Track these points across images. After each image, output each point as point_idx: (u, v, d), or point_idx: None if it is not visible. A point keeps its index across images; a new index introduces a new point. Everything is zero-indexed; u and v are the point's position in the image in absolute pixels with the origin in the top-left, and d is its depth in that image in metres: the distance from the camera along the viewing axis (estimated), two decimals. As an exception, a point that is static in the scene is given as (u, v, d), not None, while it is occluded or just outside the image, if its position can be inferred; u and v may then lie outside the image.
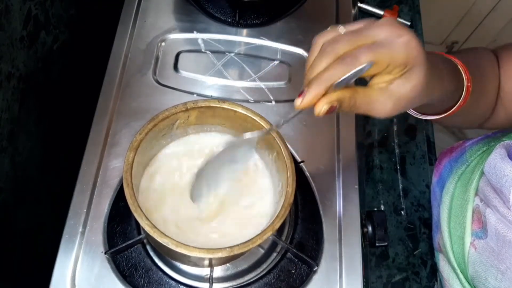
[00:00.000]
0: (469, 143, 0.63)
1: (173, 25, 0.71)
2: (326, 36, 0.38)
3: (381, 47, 0.36)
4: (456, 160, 0.62)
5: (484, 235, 0.51)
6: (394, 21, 0.38)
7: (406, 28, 0.37)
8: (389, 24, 0.37)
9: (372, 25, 0.38)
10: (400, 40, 0.37)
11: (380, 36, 0.37)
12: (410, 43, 0.37)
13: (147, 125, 0.48)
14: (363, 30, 0.38)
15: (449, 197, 0.58)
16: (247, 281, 0.55)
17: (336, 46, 0.37)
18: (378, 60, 0.36)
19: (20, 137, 0.60)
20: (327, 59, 0.37)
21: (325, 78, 0.37)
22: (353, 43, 0.37)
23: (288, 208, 0.45)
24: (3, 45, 0.53)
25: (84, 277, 0.53)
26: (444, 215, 0.58)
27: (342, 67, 0.36)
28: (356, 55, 0.36)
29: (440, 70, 0.43)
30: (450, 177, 0.60)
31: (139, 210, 0.43)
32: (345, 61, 0.36)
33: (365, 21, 0.39)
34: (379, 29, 0.37)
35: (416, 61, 0.38)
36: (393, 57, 0.37)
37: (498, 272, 0.50)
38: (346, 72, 0.36)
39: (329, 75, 0.36)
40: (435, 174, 0.66)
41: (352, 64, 0.36)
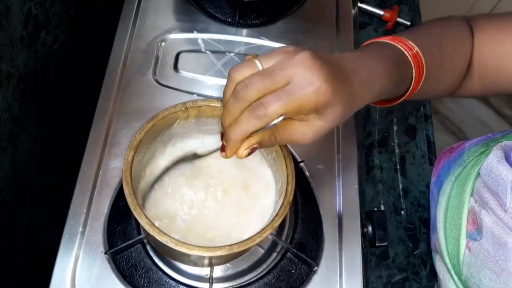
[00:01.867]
0: (468, 144, 0.63)
1: (173, 25, 0.71)
2: (242, 71, 0.39)
3: (291, 96, 0.37)
4: (454, 161, 0.62)
5: (478, 237, 0.51)
6: (307, 58, 0.37)
7: (319, 68, 0.37)
8: (302, 65, 0.37)
9: (286, 64, 0.37)
10: (309, 89, 0.36)
11: (292, 79, 0.37)
12: (319, 89, 0.37)
13: (147, 125, 0.48)
14: (276, 71, 0.37)
15: (446, 198, 0.58)
16: (247, 281, 0.55)
17: (248, 93, 0.37)
18: (288, 112, 0.37)
19: (20, 137, 0.60)
20: (240, 105, 0.38)
21: (239, 132, 0.38)
22: (264, 89, 0.37)
23: (287, 206, 0.45)
24: (3, 45, 0.53)
25: (84, 277, 0.53)
26: (440, 216, 0.58)
27: (254, 121, 0.38)
28: (267, 109, 0.37)
29: (372, 72, 0.42)
30: (447, 177, 0.60)
31: (138, 209, 0.43)
32: (256, 115, 0.37)
33: (282, 53, 0.39)
34: (292, 70, 0.37)
35: (327, 104, 0.38)
36: (302, 106, 0.37)
37: (493, 274, 0.50)
38: (258, 126, 0.38)
39: (242, 129, 0.38)
40: (433, 175, 0.66)
41: (263, 119, 0.37)
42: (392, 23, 0.86)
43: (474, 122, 1.64)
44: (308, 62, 0.37)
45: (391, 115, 0.79)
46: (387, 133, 0.78)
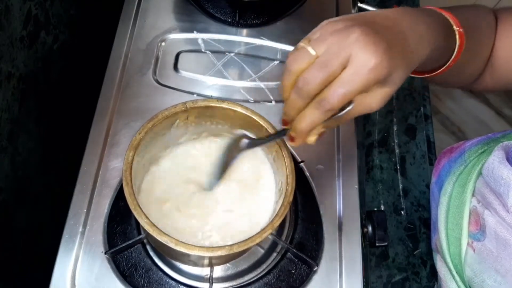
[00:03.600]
0: (468, 143, 0.63)
1: (173, 25, 0.71)
2: (298, 63, 0.39)
3: (352, 83, 0.37)
4: (454, 161, 0.62)
5: (482, 237, 0.51)
6: (360, 37, 0.37)
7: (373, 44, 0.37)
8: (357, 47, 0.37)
9: (340, 48, 0.37)
10: (369, 69, 0.36)
11: (349, 61, 0.37)
12: (378, 66, 0.36)
13: (147, 125, 0.48)
14: (333, 59, 0.37)
15: (447, 197, 0.58)
16: (247, 281, 0.55)
17: (311, 88, 0.38)
18: (352, 96, 0.38)
19: (20, 137, 0.60)
20: (304, 100, 0.39)
21: (308, 124, 0.40)
22: (325, 80, 0.38)
23: (287, 206, 0.45)
24: (3, 45, 0.53)
25: (84, 277, 0.53)
26: (442, 215, 0.58)
27: (322, 115, 0.39)
28: (332, 102, 0.37)
29: (425, 32, 0.42)
30: (448, 177, 0.60)
31: (138, 209, 0.43)
32: (323, 109, 0.38)
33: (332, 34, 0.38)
34: (347, 53, 0.37)
35: (388, 74, 0.38)
36: (365, 86, 0.37)
37: (498, 275, 0.50)
38: (325, 118, 0.39)
39: (310, 122, 0.39)
40: (434, 175, 0.66)
41: (330, 111, 0.38)
42: (392, 23, 0.86)
43: (474, 122, 1.64)
44: (361, 42, 0.37)
45: (391, 115, 0.79)
46: (387, 133, 0.78)
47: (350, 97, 0.37)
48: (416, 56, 0.41)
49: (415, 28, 0.41)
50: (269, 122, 0.51)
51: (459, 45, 0.48)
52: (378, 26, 0.38)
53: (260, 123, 0.51)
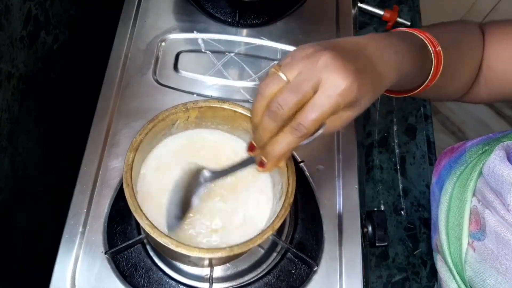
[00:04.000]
0: (469, 143, 0.63)
1: (173, 25, 0.71)
2: (270, 87, 0.39)
3: (324, 106, 0.37)
4: (455, 161, 0.62)
5: (482, 236, 0.51)
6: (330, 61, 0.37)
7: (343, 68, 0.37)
8: (326, 71, 0.37)
9: (310, 73, 0.38)
10: (339, 93, 0.37)
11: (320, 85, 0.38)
12: (348, 90, 0.37)
13: (147, 125, 0.48)
14: (304, 83, 0.38)
15: (448, 197, 0.58)
16: (247, 281, 0.55)
17: (285, 112, 0.38)
18: (324, 119, 0.38)
19: (20, 137, 0.60)
20: (277, 124, 0.39)
21: (282, 150, 0.40)
22: (298, 104, 0.38)
23: (288, 208, 0.45)
24: (3, 45, 0.53)
25: (84, 277, 0.53)
26: (442, 215, 0.58)
27: (296, 139, 0.39)
28: (306, 126, 0.38)
29: (395, 57, 0.43)
30: (448, 177, 0.60)
31: (139, 211, 0.43)
32: (298, 134, 0.39)
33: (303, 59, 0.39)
34: (318, 77, 0.37)
35: (357, 99, 0.38)
36: (335, 109, 0.38)
37: (498, 274, 0.50)
38: (299, 142, 0.39)
39: (285, 147, 0.40)
40: (434, 175, 0.66)
41: (304, 136, 0.39)
42: (392, 23, 0.86)
43: (474, 122, 1.64)
44: (331, 66, 0.37)
45: (391, 115, 0.79)
46: (387, 133, 0.78)
47: (323, 120, 0.38)
48: (384, 81, 0.42)
49: (383, 55, 0.41)
50: None
51: (435, 65, 0.48)
52: (347, 51, 0.39)
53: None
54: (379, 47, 0.42)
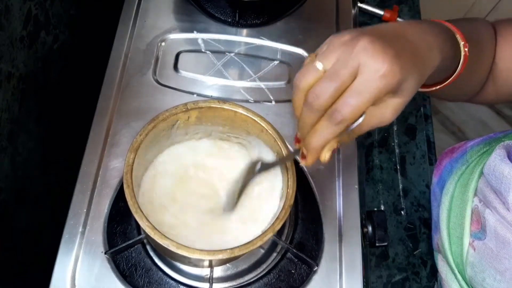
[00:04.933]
0: (470, 143, 0.63)
1: (173, 25, 0.71)
2: (307, 79, 0.38)
3: (363, 93, 0.36)
4: (456, 161, 0.62)
5: (483, 236, 0.51)
6: (367, 46, 0.36)
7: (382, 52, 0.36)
8: (364, 56, 0.36)
9: (347, 59, 0.37)
10: (379, 78, 0.36)
11: (358, 72, 0.36)
12: (388, 74, 0.36)
13: (147, 126, 0.48)
14: (341, 71, 0.37)
15: (449, 197, 0.58)
16: (247, 281, 0.55)
17: (322, 102, 0.37)
18: (365, 107, 0.37)
19: (20, 137, 0.60)
20: (316, 115, 0.38)
21: (320, 141, 0.39)
22: (336, 93, 0.37)
23: (288, 209, 0.45)
24: (3, 45, 0.53)
25: (84, 277, 0.53)
26: (443, 215, 0.58)
27: (334, 128, 0.38)
28: (344, 114, 0.37)
29: (433, 41, 0.42)
30: (450, 177, 0.60)
31: (139, 212, 0.43)
32: (335, 121, 0.37)
33: (339, 46, 0.38)
34: (355, 64, 0.36)
35: (400, 83, 0.37)
36: (377, 96, 0.36)
37: (497, 273, 0.50)
38: (338, 132, 0.38)
39: (323, 137, 0.38)
40: (435, 175, 0.66)
41: (342, 124, 0.37)
42: (392, 23, 0.86)
43: (474, 122, 1.64)
44: (369, 50, 0.36)
45: (391, 115, 0.79)
46: (387, 133, 0.78)
47: (362, 107, 0.36)
48: (428, 64, 0.40)
49: (424, 37, 0.40)
50: (269, 123, 0.51)
51: (463, 57, 0.47)
52: (386, 35, 0.38)
53: (261, 125, 0.50)
54: (419, 30, 0.41)
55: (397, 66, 0.36)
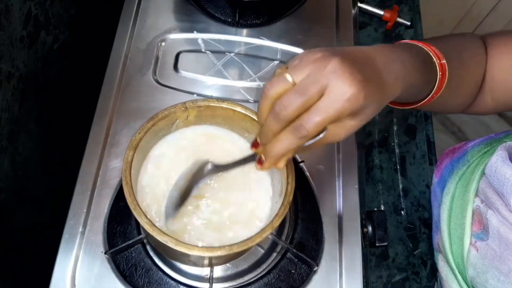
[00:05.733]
0: (471, 144, 0.63)
1: (173, 25, 0.71)
2: (275, 89, 0.39)
3: (328, 111, 0.37)
4: (457, 161, 0.62)
5: (485, 237, 0.51)
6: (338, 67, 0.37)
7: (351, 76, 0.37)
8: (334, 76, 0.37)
9: (317, 76, 0.38)
10: (344, 100, 0.37)
11: (326, 90, 0.37)
12: (354, 98, 0.37)
13: (146, 124, 0.48)
14: (310, 87, 0.38)
15: (450, 197, 0.58)
16: (247, 281, 0.55)
17: (288, 113, 0.38)
18: (326, 124, 0.38)
19: (20, 137, 0.60)
20: (280, 125, 0.39)
21: (281, 149, 0.40)
22: (302, 107, 0.38)
23: (287, 206, 0.45)
24: (3, 45, 0.53)
25: (84, 277, 0.53)
26: (444, 215, 0.58)
27: (296, 141, 0.39)
28: (308, 129, 0.38)
29: (401, 68, 0.43)
30: (450, 177, 0.60)
31: (138, 209, 0.43)
32: (299, 135, 0.39)
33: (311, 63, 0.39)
34: (324, 82, 0.37)
35: (362, 108, 0.38)
36: (339, 116, 0.38)
37: (500, 274, 0.50)
38: (299, 144, 0.39)
39: (284, 147, 0.40)
40: (436, 175, 0.66)
41: (305, 138, 0.39)
42: (392, 23, 0.86)
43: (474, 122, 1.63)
44: (339, 72, 0.37)
45: (391, 115, 0.79)
46: (387, 133, 0.78)
47: (325, 124, 0.38)
48: (390, 92, 0.41)
49: (390, 66, 0.41)
50: None
51: (440, 77, 0.48)
52: (356, 60, 0.39)
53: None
54: (387, 58, 0.42)
55: (362, 92, 0.37)
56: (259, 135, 0.43)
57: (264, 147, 0.42)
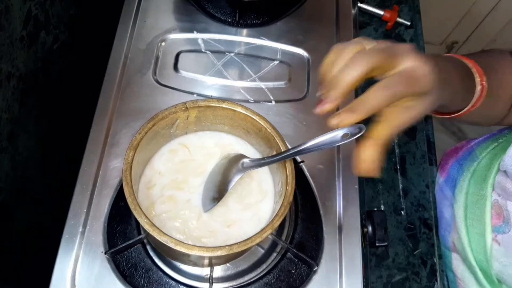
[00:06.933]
0: (475, 142, 0.63)
1: (173, 25, 0.71)
2: (349, 47, 0.39)
3: (402, 83, 0.38)
4: (464, 158, 0.62)
5: (506, 229, 0.51)
6: (413, 50, 0.39)
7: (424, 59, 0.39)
8: (411, 54, 0.39)
9: (394, 48, 0.39)
10: (420, 74, 0.38)
11: (402, 63, 0.39)
12: (429, 75, 0.38)
13: (147, 125, 0.48)
14: (389, 48, 0.39)
15: (464, 195, 0.58)
16: (247, 281, 0.55)
17: (375, 51, 0.38)
18: (404, 91, 0.38)
19: (20, 137, 0.60)
20: (368, 59, 0.38)
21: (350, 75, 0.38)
22: (382, 59, 0.38)
23: (287, 206, 0.45)
24: (3, 45, 0.53)
25: (84, 277, 0.53)
26: (460, 213, 0.58)
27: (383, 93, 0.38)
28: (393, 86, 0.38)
29: (449, 75, 0.44)
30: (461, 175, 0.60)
31: (138, 209, 0.43)
32: (389, 89, 0.38)
33: (385, 43, 0.40)
34: (402, 53, 0.39)
35: (429, 91, 0.39)
36: (409, 87, 0.38)
37: None
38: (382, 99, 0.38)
39: (353, 73, 0.38)
40: (441, 174, 0.66)
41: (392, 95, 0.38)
42: (392, 23, 0.86)
43: (474, 122, 1.63)
44: (414, 52, 0.39)
45: (391, 115, 0.79)
46: (387, 133, 0.78)
47: (400, 93, 0.38)
48: (445, 91, 0.43)
49: (444, 69, 0.43)
50: (268, 121, 0.51)
51: (480, 90, 0.49)
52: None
53: (260, 123, 0.51)
54: (441, 62, 0.43)
55: (431, 74, 0.39)
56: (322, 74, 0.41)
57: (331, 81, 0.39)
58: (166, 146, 0.54)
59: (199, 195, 0.52)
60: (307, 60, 0.71)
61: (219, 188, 0.50)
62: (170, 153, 0.54)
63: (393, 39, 0.86)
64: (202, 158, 0.54)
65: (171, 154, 0.54)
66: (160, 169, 0.53)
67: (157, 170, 0.53)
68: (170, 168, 0.53)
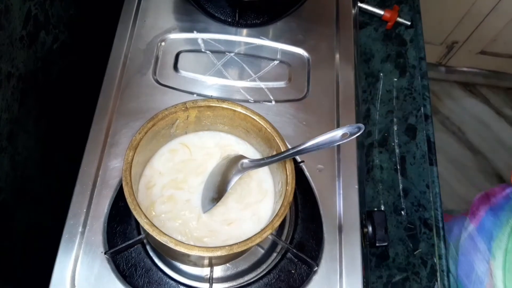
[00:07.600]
0: (510, 189, 0.61)
1: (173, 25, 0.71)
2: None
3: None
4: (502, 208, 0.60)
5: None
6: None
7: None
8: None
9: None
10: None
11: None
12: None
13: (147, 124, 0.48)
14: None
15: (503, 252, 0.56)
16: (247, 281, 0.55)
17: None
18: None
19: (20, 137, 0.60)
20: None
21: None
22: None
23: (287, 206, 0.45)
24: (3, 45, 0.53)
25: (84, 277, 0.53)
26: (498, 273, 0.55)
27: None
28: None
29: None
30: (499, 227, 0.58)
31: (138, 209, 0.43)
32: None
33: None
34: None
35: None
36: None
37: None
38: None
39: None
40: (472, 221, 0.63)
41: None
42: (392, 23, 0.86)
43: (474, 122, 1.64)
44: None
45: (391, 115, 0.79)
46: (387, 133, 0.78)
47: None
48: None
49: None
50: (268, 121, 0.51)
51: None
52: None
53: (260, 123, 0.50)
54: None
55: None
56: None
57: None
58: (166, 146, 0.54)
59: (199, 195, 0.52)
60: (307, 60, 0.71)
61: (218, 188, 0.50)
62: (170, 153, 0.54)
63: (393, 39, 0.86)
64: (202, 158, 0.54)
65: (171, 154, 0.54)
66: (160, 169, 0.53)
67: (157, 170, 0.53)
68: (170, 168, 0.53)
